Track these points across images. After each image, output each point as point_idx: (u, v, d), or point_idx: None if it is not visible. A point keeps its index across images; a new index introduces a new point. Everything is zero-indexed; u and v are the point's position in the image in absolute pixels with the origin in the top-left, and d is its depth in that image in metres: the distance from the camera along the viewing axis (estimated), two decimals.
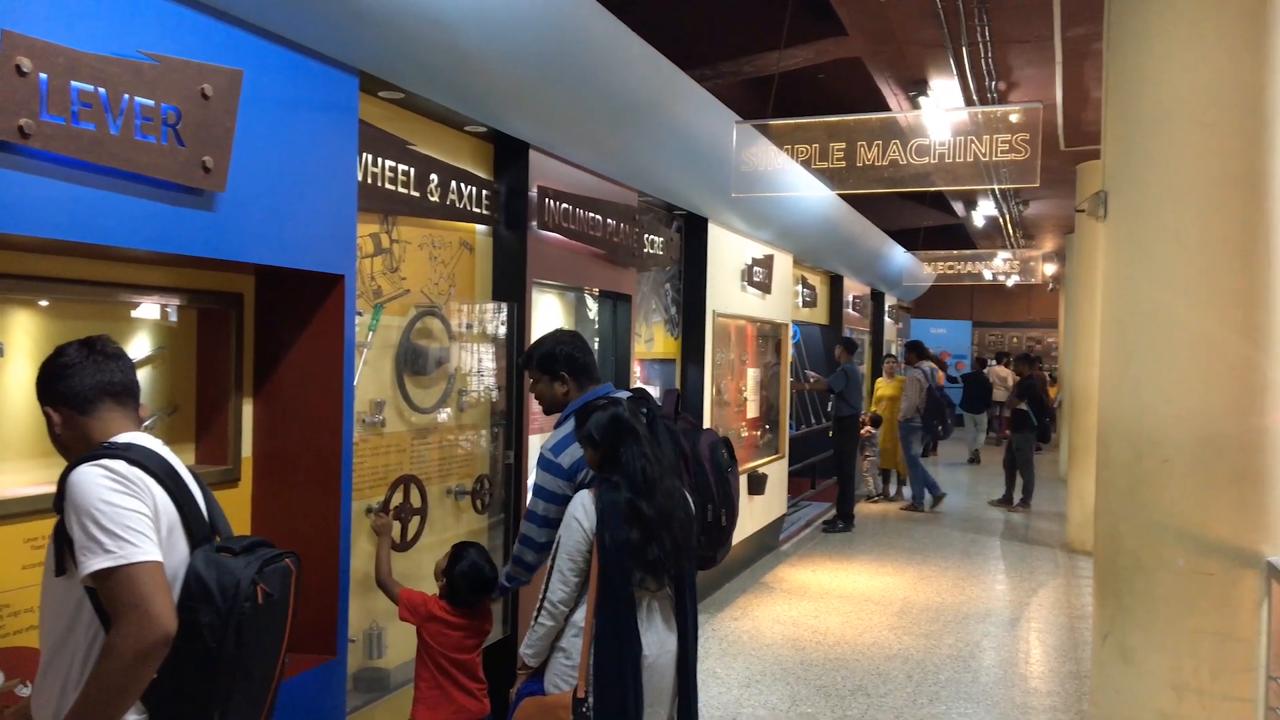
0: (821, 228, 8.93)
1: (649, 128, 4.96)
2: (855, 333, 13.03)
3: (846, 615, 6.61)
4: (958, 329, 24.47)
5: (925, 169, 4.51)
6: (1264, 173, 3.67)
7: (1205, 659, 3.64)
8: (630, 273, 5.50)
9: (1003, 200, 11.37)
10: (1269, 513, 3.69)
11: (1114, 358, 4.01)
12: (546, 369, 3.25)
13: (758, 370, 8.83)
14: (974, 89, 6.51)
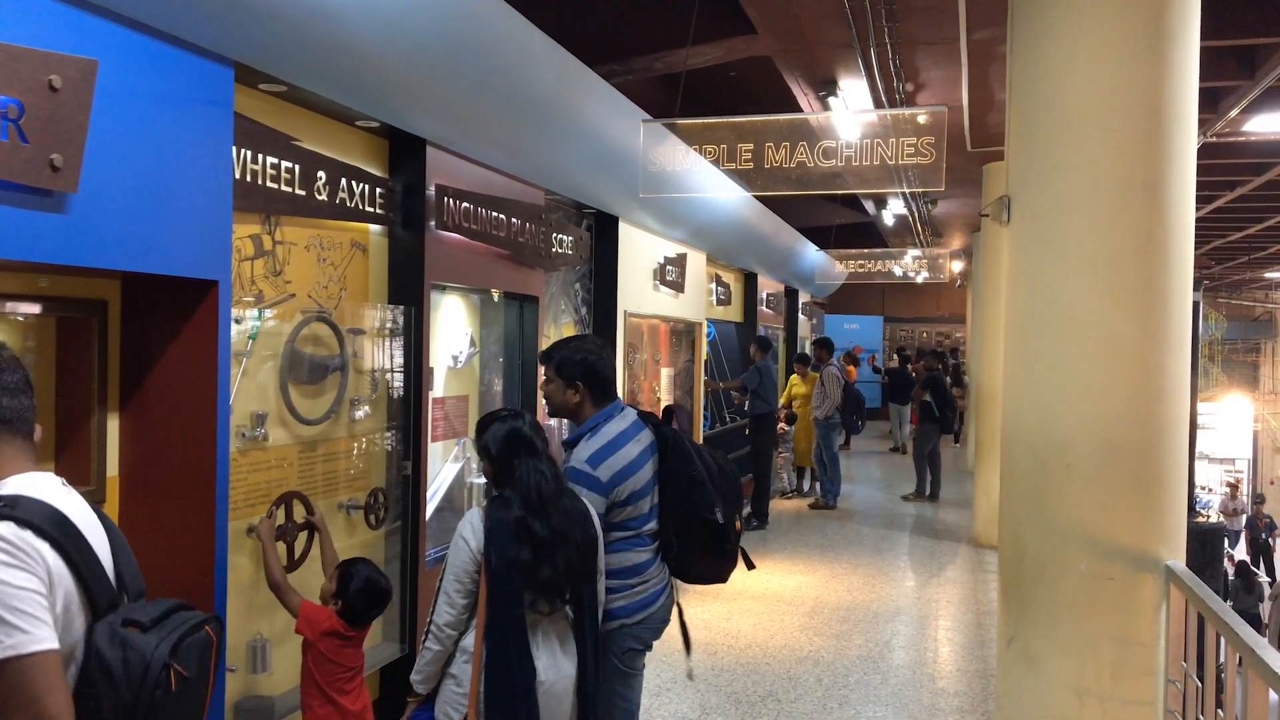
0: (735, 226, 8.89)
1: (555, 125, 4.81)
2: (770, 330, 13.07)
3: (759, 617, 6.58)
4: (870, 324, 24.89)
5: (833, 171, 4.47)
6: (1162, 179, 3.69)
7: (1106, 663, 3.66)
8: (537, 273, 5.34)
9: (912, 200, 11.51)
10: (1167, 517, 3.73)
11: (1018, 363, 4.02)
12: (563, 373, 3.21)
13: (672, 370, 8.75)
14: (883, 90, 6.51)
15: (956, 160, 9.28)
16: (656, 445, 3.29)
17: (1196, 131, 3.85)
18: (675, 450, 3.28)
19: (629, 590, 3.14)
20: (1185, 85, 3.72)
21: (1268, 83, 6.56)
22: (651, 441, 3.28)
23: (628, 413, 3.32)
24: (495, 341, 5.33)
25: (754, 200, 8.73)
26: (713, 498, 3.25)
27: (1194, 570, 8.10)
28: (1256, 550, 19.80)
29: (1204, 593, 3.27)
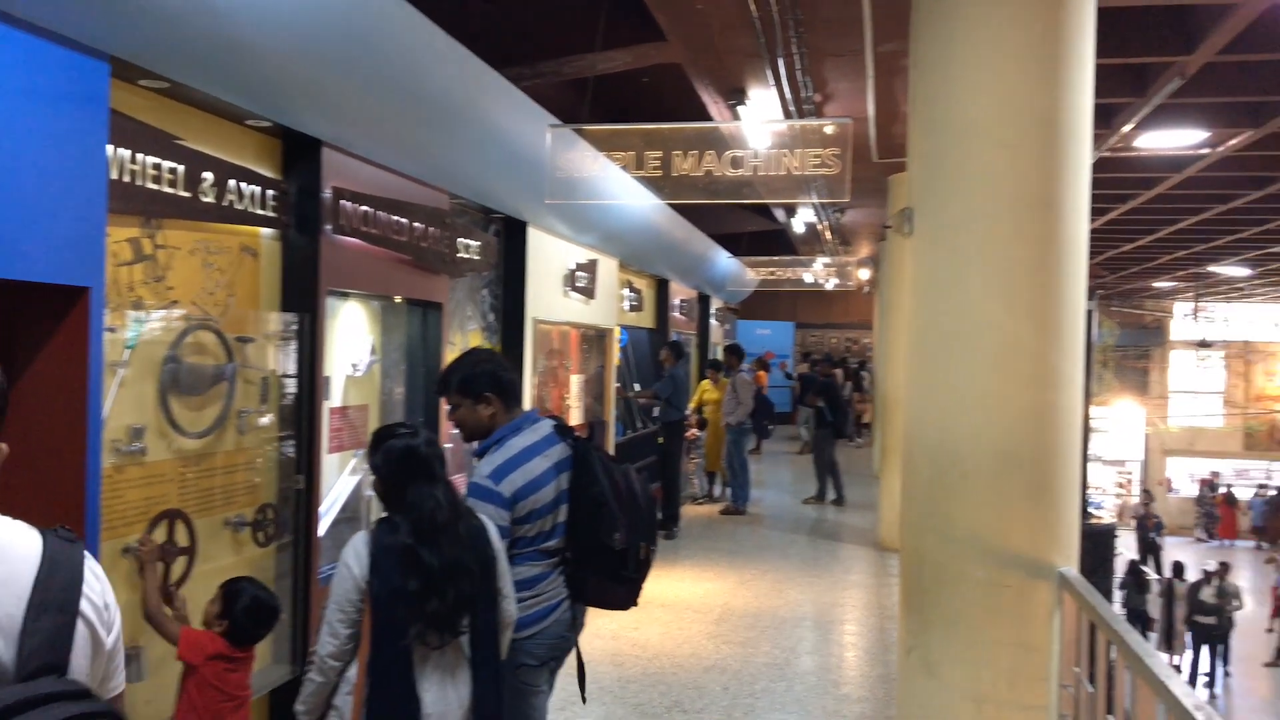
0: (646, 233, 8.87)
1: (459, 127, 4.70)
2: (682, 335, 13.11)
3: (667, 625, 6.55)
4: (781, 330, 25.21)
5: (741, 180, 4.46)
6: (1059, 192, 3.77)
7: (1003, 669, 3.72)
8: (442, 279, 5.22)
9: (821, 209, 11.67)
10: (1060, 524, 3.81)
11: (919, 372, 4.06)
12: (468, 391, 3.09)
13: (583, 377, 8.68)
14: (791, 100, 6.56)
15: (863, 171, 9.41)
16: (570, 461, 3.21)
17: (1091, 146, 3.95)
18: (583, 468, 3.21)
19: (521, 604, 3.06)
20: (1081, 102, 3.81)
21: (1158, 100, 6.81)
22: (564, 457, 3.20)
23: (541, 425, 3.24)
24: (397, 349, 5.19)
25: (666, 207, 8.73)
26: (615, 521, 3.17)
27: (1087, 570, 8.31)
28: (1145, 549, 20.62)
29: (1095, 600, 3.34)
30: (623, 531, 3.19)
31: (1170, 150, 8.92)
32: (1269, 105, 7.44)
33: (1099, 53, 3.94)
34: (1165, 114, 7.59)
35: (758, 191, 4.47)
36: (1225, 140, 8.34)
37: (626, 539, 3.20)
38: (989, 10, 3.77)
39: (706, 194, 4.56)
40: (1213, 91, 7.03)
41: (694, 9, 5.19)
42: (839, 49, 5.94)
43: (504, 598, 2.76)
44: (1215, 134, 8.20)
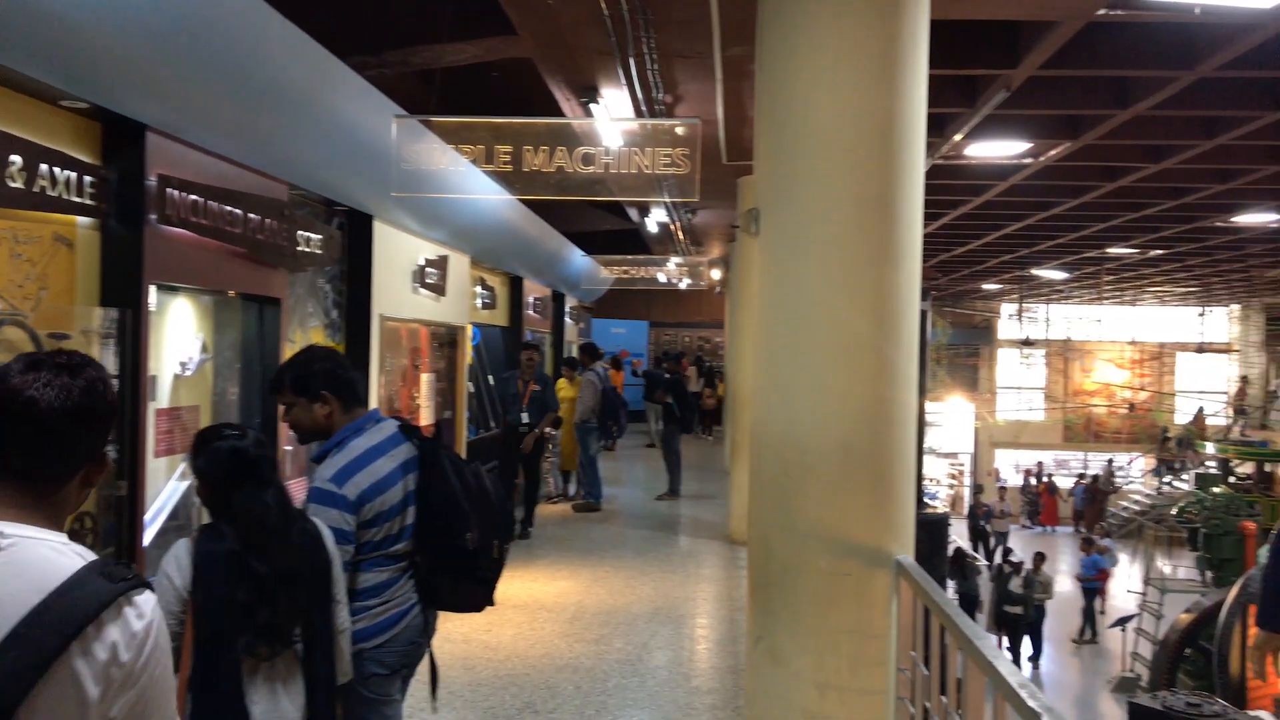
0: (499, 229, 8.76)
1: (299, 116, 4.52)
2: (536, 334, 13.03)
3: (520, 627, 6.48)
4: (636, 329, 25.42)
5: (592, 177, 4.45)
6: (894, 196, 3.91)
7: (845, 656, 3.83)
8: (280, 273, 5.00)
9: (673, 208, 11.82)
10: (897, 514, 3.96)
11: (765, 369, 4.15)
12: (303, 390, 2.93)
13: (433, 375, 8.50)
14: (642, 100, 6.59)
15: (713, 172, 9.57)
16: (417, 461, 3.12)
17: (924, 152, 4.12)
18: (433, 468, 3.12)
19: (369, 612, 2.95)
20: (915, 110, 3.96)
21: (986, 111, 7.20)
22: (411, 457, 3.11)
23: (385, 425, 3.13)
24: (231, 347, 4.94)
25: (519, 203, 8.64)
26: (467, 521, 3.10)
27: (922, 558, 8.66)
28: (976, 536, 21.83)
29: (929, 586, 3.48)
30: (475, 531, 3.13)
31: (997, 159, 9.47)
32: (1086, 119, 7.98)
33: (932, 64, 4.11)
34: (993, 124, 8.04)
35: (609, 189, 4.47)
36: (1046, 151, 8.91)
37: (479, 539, 3.14)
38: (830, 19, 3.88)
39: (558, 190, 4.53)
40: (1035, 104, 7.49)
41: (544, 4, 5.15)
42: (689, 51, 6.00)
43: (338, 604, 2.65)
44: (1037, 145, 8.75)
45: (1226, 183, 10.24)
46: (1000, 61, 6.34)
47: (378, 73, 6.35)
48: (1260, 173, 9.63)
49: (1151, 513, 23.60)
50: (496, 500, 3.27)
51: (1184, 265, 19.08)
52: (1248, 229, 13.67)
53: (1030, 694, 2.27)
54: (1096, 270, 20.17)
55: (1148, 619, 15.37)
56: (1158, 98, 6.91)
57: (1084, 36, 5.82)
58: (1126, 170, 9.82)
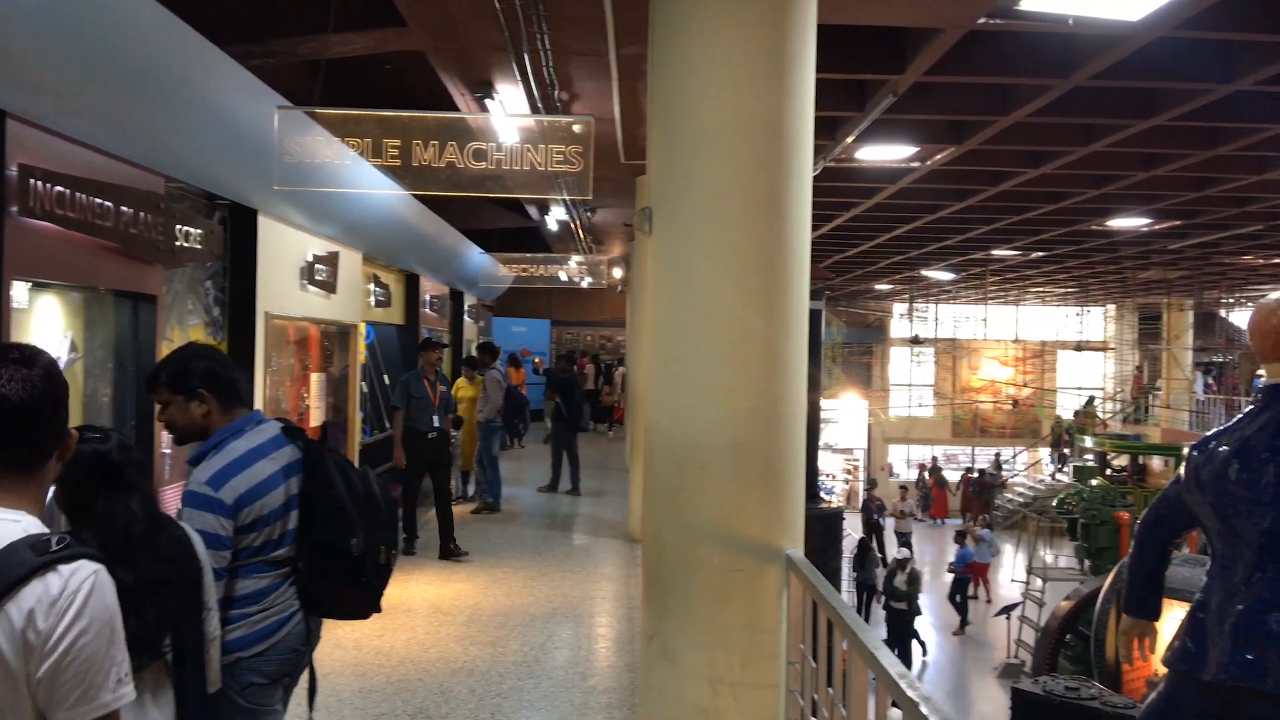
0: (393, 225, 8.59)
1: (175, 105, 4.33)
2: (435, 333, 12.83)
3: (413, 631, 6.36)
4: (538, 327, 25.31)
5: (484, 174, 4.39)
6: (785, 196, 3.96)
7: (737, 651, 3.87)
8: (156, 269, 4.79)
9: (572, 207, 11.78)
10: (788, 510, 4.01)
11: (660, 368, 4.15)
12: (180, 388, 2.79)
13: (324, 375, 8.28)
14: (538, 97, 6.54)
15: (611, 171, 9.59)
16: (300, 464, 3.02)
17: (813, 154, 4.19)
18: (317, 470, 3.03)
19: (247, 619, 2.85)
20: (803, 112, 4.02)
21: (875, 115, 7.38)
22: (294, 460, 3.01)
23: (266, 426, 3.02)
24: (103, 346, 4.71)
25: (413, 199, 8.48)
26: (353, 525, 3.02)
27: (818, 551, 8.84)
28: (870, 529, 22.39)
29: (817, 580, 3.54)
30: (361, 536, 3.05)
31: (887, 162, 9.73)
32: (970, 124, 8.26)
33: (823, 68, 4.18)
34: (882, 128, 8.24)
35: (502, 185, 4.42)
36: (933, 155, 9.19)
37: (365, 544, 3.07)
38: (720, 21, 3.91)
39: (448, 186, 4.45)
40: (922, 109, 7.72)
41: None
42: (584, 48, 5.99)
43: (210, 612, 2.55)
44: (924, 148, 9.01)
45: (1101, 188, 10.74)
46: (888, 67, 6.50)
47: (262, 62, 6.14)
48: (1132, 178, 10.12)
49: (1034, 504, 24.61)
50: (384, 504, 3.19)
51: (1063, 267, 19.95)
52: (1121, 232, 14.36)
53: (909, 684, 2.32)
54: (982, 271, 20.93)
55: (1031, 607, 16.02)
56: (1036, 105, 7.19)
57: (967, 44, 6.01)
58: (1009, 175, 10.20)
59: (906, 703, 2.28)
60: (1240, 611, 2.64)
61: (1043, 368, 33.17)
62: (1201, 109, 7.24)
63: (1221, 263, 18.33)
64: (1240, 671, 2.60)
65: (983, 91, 7.45)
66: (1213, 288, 23.06)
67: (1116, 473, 22.91)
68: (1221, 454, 2.76)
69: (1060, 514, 18.73)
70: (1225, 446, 2.77)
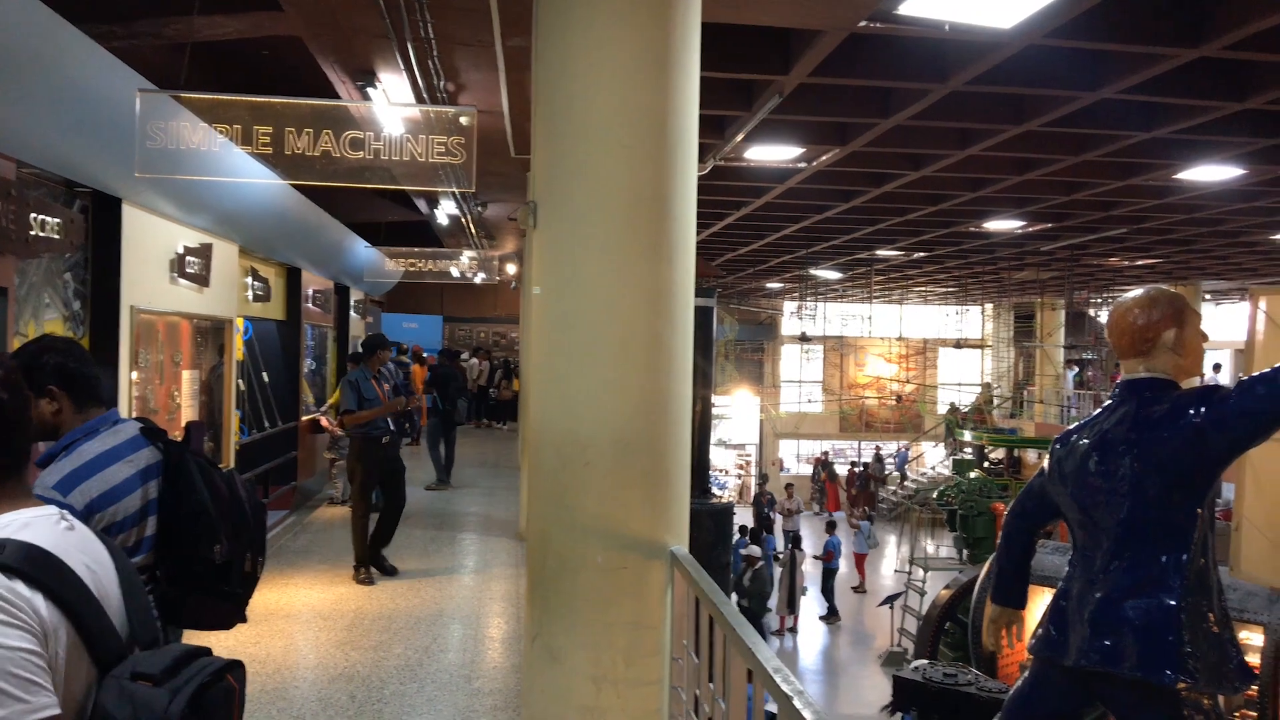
0: (271, 216, 8.29)
1: (26, 86, 4.06)
2: (319, 329, 12.47)
3: (291, 637, 6.14)
4: (429, 324, 24.90)
5: (361, 164, 4.25)
6: (669, 192, 3.96)
7: (621, 649, 3.85)
8: (6, 260, 4.48)
9: (462, 200, 11.59)
10: (673, 507, 4.01)
11: (545, 364, 4.10)
12: (29, 384, 2.54)
13: (197, 372, 7.93)
14: (423, 87, 6.40)
15: (502, 165, 9.48)
16: (160, 467, 2.86)
17: (701, 152, 4.20)
18: (178, 474, 2.87)
19: None
20: (688, 109, 4.02)
21: (762, 115, 7.46)
22: (154, 463, 2.84)
23: (124, 427, 2.84)
24: None
25: (293, 190, 8.20)
26: (216, 531, 2.88)
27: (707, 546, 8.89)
28: (760, 523, 22.77)
29: (699, 576, 3.55)
30: (225, 543, 2.91)
31: (775, 162, 9.87)
32: (853, 126, 8.44)
33: (711, 66, 4.20)
34: (770, 129, 8.36)
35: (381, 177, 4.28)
36: (818, 156, 9.36)
37: (229, 551, 2.93)
38: (603, 15, 3.88)
39: (324, 176, 4.29)
40: (808, 111, 7.84)
41: None
42: (470, 39, 5.88)
43: None
44: (810, 149, 9.18)
45: (978, 191, 11.13)
46: (774, 67, 6.58)
47: (126, 44, 5.82)
48: (1006, 182, 10.53)
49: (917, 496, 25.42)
50: (251, 509, 3.06)
51: (943, 267, 20.66)
52: (997, 234, 14.94)
53: (784, 678, 2.34)
54: (867, 271, 21.49)
55: (913, 596, 16.54)
56: (916, 108, 7.39)
57: (849, 47, 6.13)
58: (890, 176, 10.47)
59: (780, 696, 2.29)
60: (1099, 599, 2.74)
61: (924, 364, 34.31)
62: (1070, 116, 7.56)
63: (1090, 264, 19.26)
64: (1099, 657, 2.70)
65: (865, 94, 7.61)
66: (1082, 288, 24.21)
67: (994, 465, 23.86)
68: (1082, 447, 2.87)
69: (940, 506, 19.39)
70: (1085, 440, 2.88)
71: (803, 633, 18.22)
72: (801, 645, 17.64)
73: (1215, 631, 2.68)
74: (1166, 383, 2.80)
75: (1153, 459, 2.67)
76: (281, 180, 4.72)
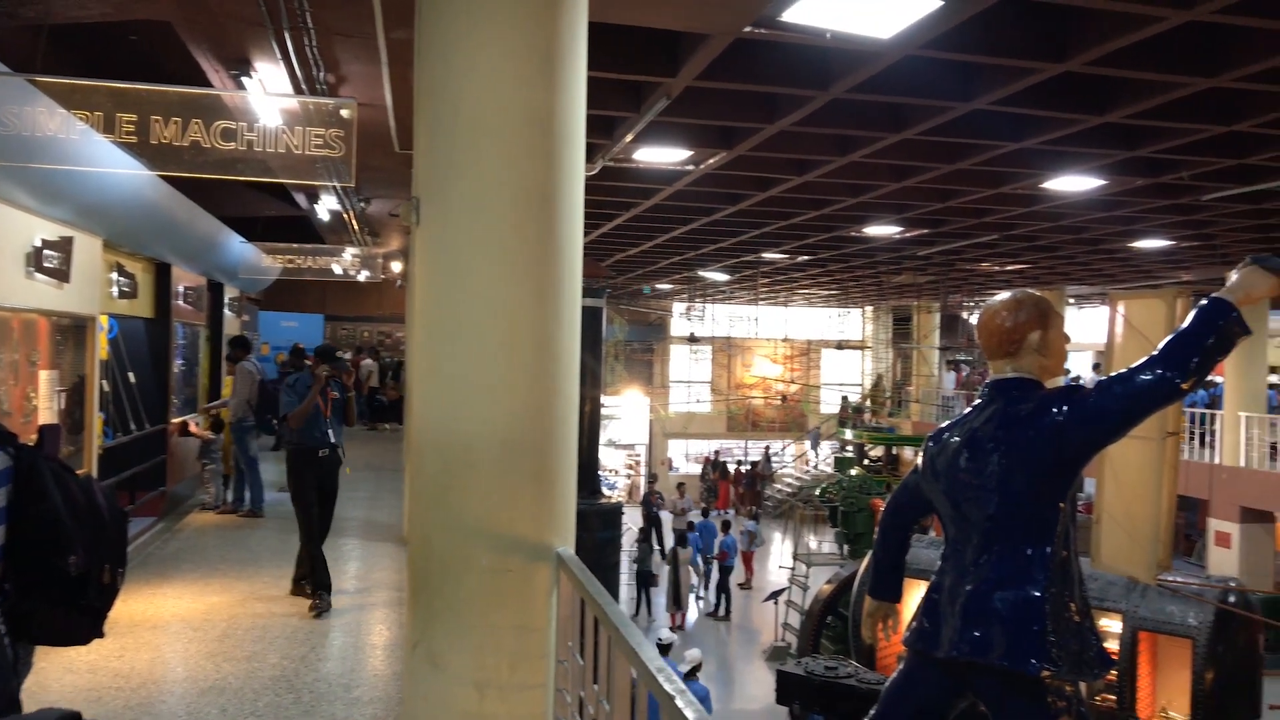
0: (139, 209, 7.90)
1: None
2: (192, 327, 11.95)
3: (159, 650, 5.87)
4: (310, 322, 24.18)
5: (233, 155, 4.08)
6: (555, 190, 3.92)
7: (505, 653, 3.79)
8: None
9: (344, 196, 11.27)
10: (559, 508, 3.98)
11: (427, 363, 4.01)
12: None
13: (56, 373, 7.49)
14: (302, 78, 6.18)
15: (386, 160, 9.25)
16: (10, 473, 2.67)
17: (588, 151, 4.18)
18: (30, 480, 2.70)
19: None
20: (575, 108, 3.99)
21: (650, 117, 7.49)
22: (4, 468, 2.66)
23: None
24: None
25: (162, 182, 7.83)
26: (70, 541, 2.72)
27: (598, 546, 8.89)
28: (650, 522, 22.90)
29: (585, 577, 3.52)
30: (80, 553, 2.75)
31: (663, 164, 9.93)
32: (739, 130, 8.55)
33: (600, 67, 4.17)
34: (658, 131, 8.39)
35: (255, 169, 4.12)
36: (706, 159, 9.46)
37: (85, 561, 2.76)
38: (486, 10, 3.82)
39: (192, 167, 4.10)
40: (695, 114, 7.91)
41: None
42: (352, 30, 5.70)
43: None
44: (698, 152, 9.26)
45: (858, 196, 11.44)
46: (662, 69, 6.60)
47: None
48: (885, 188, 10.85)
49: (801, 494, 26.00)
50: (110, 518, 2.89)
51: (826, 270, 21.18)
52: (876, 239, 15.39)
53: (666, 678, 2.34)
54: (754, 273, 21.87)
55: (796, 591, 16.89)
56: (800, 115, 7.54)
57: (735, 51, 6.20)
58: (775, 181, 10.67)
59: (663, 695, 2.29)
60: (969, 591, 2.83)
61: (808, 365, 35.12)
62: (945, 125, 7.83)
63: (963, 269, 20.03)
64: (969, 648, 2.80)
65: (751, 99, 7.71)
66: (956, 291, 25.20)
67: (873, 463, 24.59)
68: (953, 445, 2.97)
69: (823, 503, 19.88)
70: (956, 438, 2.97)
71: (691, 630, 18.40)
72: (690, 643, 17.82)
73: (1077, 621, 2.80)
74: (1032, 382, 2.91)
75: (1019, 456, 2.77)
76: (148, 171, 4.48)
